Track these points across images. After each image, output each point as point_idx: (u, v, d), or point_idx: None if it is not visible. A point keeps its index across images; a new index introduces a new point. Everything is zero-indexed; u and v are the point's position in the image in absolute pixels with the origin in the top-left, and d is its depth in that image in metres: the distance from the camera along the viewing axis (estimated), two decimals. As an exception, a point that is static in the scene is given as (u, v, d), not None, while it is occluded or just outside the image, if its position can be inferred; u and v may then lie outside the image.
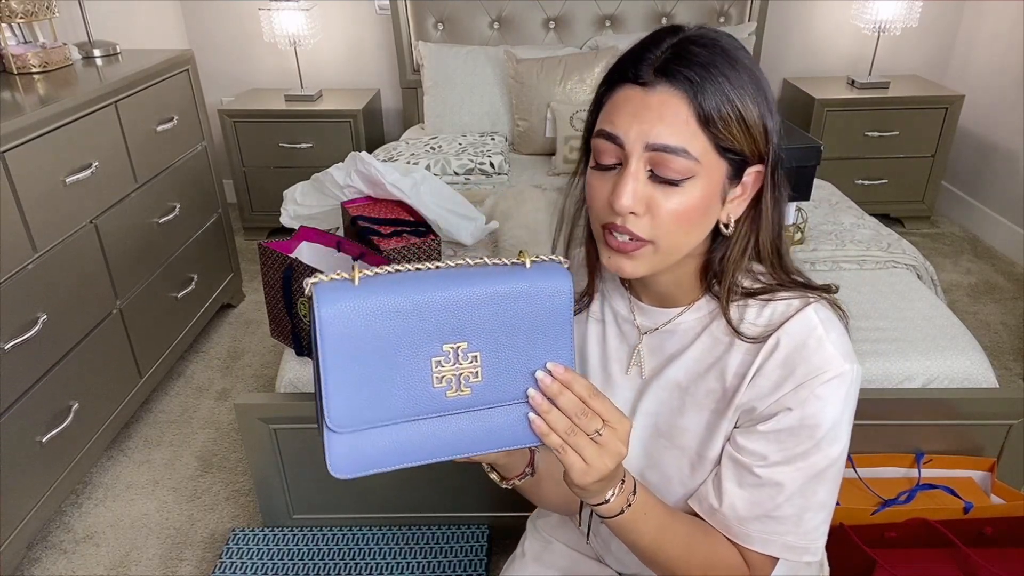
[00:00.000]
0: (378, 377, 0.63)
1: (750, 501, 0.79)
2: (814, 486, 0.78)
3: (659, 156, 0.71)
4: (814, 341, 0.75)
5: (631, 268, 0.76)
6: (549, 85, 2.85)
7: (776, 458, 0.77)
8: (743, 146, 0.73)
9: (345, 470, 0.65)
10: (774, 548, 0.79)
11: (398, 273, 0.65)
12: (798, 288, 0.80)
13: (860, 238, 2.08)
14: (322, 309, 0.61)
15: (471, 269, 0.66)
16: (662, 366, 0.86)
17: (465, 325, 0.64)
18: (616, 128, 0.72)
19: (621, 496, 0.73)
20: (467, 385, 0.66)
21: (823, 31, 3.33)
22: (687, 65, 0.70)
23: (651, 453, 0.88)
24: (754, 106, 0.72)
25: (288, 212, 2.07)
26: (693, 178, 0.72)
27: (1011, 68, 3.00)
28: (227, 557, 1.68)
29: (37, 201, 1.69)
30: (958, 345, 1.64)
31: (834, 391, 0.75)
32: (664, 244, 0.75)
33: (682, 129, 0.70)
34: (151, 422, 2.23)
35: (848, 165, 3.14)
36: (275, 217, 2.19)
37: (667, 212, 0.72)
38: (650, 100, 0.71)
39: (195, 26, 3.34)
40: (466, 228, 1.93)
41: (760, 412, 0.78)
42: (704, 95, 0.70)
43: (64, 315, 1.78)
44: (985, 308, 2.69)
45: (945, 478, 1.44)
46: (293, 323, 1.65)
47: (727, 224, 0.78)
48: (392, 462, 0.66)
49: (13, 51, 2.05)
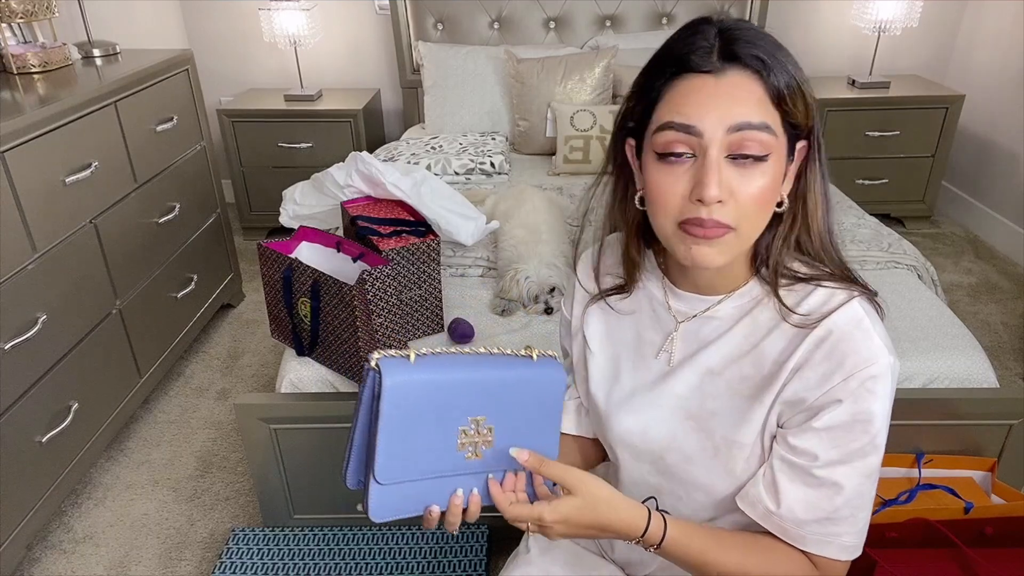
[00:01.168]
0: (418, 440, 0.75)
1: (809, 504, 0.79)
2: (868, 484, 0.78)
3: (741, 136, 0.71)
4: (861, 333, 0.75)
5: (716, 256, 0.75)
6: (549, 85, 2.85)
7: (832, 456, 0.77)
8: (802, 119, 0.74)
9: (381, 516, 0.76)
10: (832, 550, 0.79)
11: (442, 355, 0.77)
12: (844, 281, 0.80)
13: (861, 238, 2.08)
14: (386, 380, 0.71)
15: (494, 356, 0.79)
16: (695, 352, 0.86)
17: (487, 402, 0.77)
18: (690, 118, 0.71)
19: (651, 532, 0.78)
20: (481, 451, 0.78)
21: (823, 31, 3.33)
22: (751, 47, 0.72)
23: (676, 434, 0.88)
24: (805, 78, 0.74)
25: (287, 212, 2.07)
26: (771, 156, 0.73)
27: (1011, 68, 3.00)
28: (227, 557, 1.68)
29: (37, 201, 1.69)
30: (958, 345, 1.64)
31: (883, 385, 0.75)
32: (744, 229, 0.75)
33: (760, 107, 0.72)
34: (151, 422, 2.23)
35: (848, 165, 3.14)
36: (274, 217, 2.19)
37: (747, 196, 0.72)
38: (722, 85, 0.71)
39: (195, 26, 3.34)
40: (466, 228, 1.93)
41: (809, 404, 0.77)
42: (774, 73, 0.72)
43: (64, 315, 1.78)
44: (985, 308, 2.69)
45: (945, 478, 1.44)
46: (293, 323, 1.65)
47: (780, 203, 0.78)
48: (415, 510, 0.78)
49: (13, 51, 2.05)
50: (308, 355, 1.66)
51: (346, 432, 1.77)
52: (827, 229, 0.81)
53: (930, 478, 1.45)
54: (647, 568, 0.99)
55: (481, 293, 1.91)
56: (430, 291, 1.71)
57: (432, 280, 1.71)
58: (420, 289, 1.70)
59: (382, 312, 1.54)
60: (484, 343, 1.70)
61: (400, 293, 1.64)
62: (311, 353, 1.66)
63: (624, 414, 0.91)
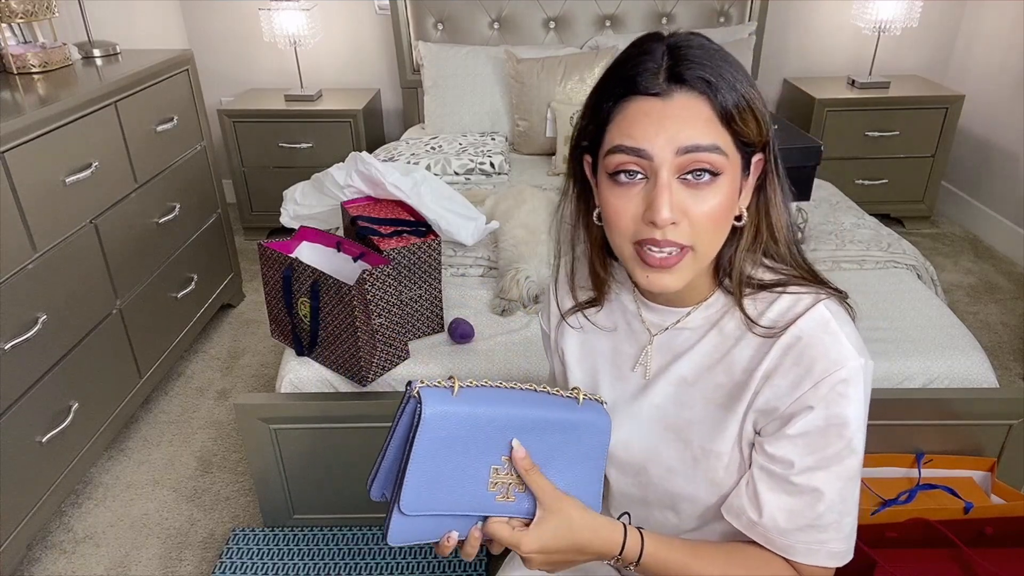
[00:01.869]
0: (448, 474, 0.73)
1: (791, 511, 0.78)
2: (851, 488, 0.78)
3: (691, 158, 0.71)
4: (829, 337, 0.75)
5: (674, 282, 0.76)
6: (549, 85, 2.85)
7: (809, 463, 0.77)
8: (754, 136, 0.74)
9: (398, 541, 0.75)
10: (820, 557, 0.79)
11: (486, 388, 0.75)
12: (811, 283, 0.80)
13: (860, 238, 2.08)
14: (427, 410, 0.70)
15: (538, 395, 0.78)
16: (669, 363, 0.87)
17: (526, 442, 0.75)
18: (639, 141, 0.71)
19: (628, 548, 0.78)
20: (513, 494, 0.76)
21: (823, 31, 3.33)
22: (698, 68, 0.71)
23: (655, 446, 0.88)
24: (756, 94, 0.73)
25: (288, 212, 2.07)
26: (723, 175, 0.72)
27: (1011, 68, 3.00)
28: (227, 557, 1.68)
29: (37, 201, 1.69)
30: (958, 345, 1.64)
31: (854, 388, 0.75)
32: (701, 248, 0.75)
33: (709, 129, 0.71)
34: (151, 422, 2.23)
35: (848, 165, 3.14)
36: (275, 217, 2.19)
37: (701, 215, 0.72)
38: (670, 108, 0.71)
39: (195, 26, 3.34)
40: (466, 228, 1.93)
41: (782, 412, 0.77)
42: (721, 93, 0.70)
43: (64, 315, 1.78)
44: (985, 308, 2.69)
45: (945, 478, 1.44)
46: (293, 323, 1.65)
47: (739, 216, 0.78)
48: (434, 536, 0.77)
49: (13, 51, 2.05)
50: (307, 355, 1.66)
51: (346, 432, 1.77)
52: (791, 238, 0.81)
53: (930, 478, 1.45)
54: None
55: (481, 293, 1.91)
56: (430, 291, 1.71)
57: (432, 280, 1.71)
58: (420, 289, 1.70)
59: (382, 312, 1.54)
60: (484, 343, 1.71)
61: (400, 293, 1.64)
62: (310, 353, 1.66)
63: None
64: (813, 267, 0.82)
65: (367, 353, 1.55)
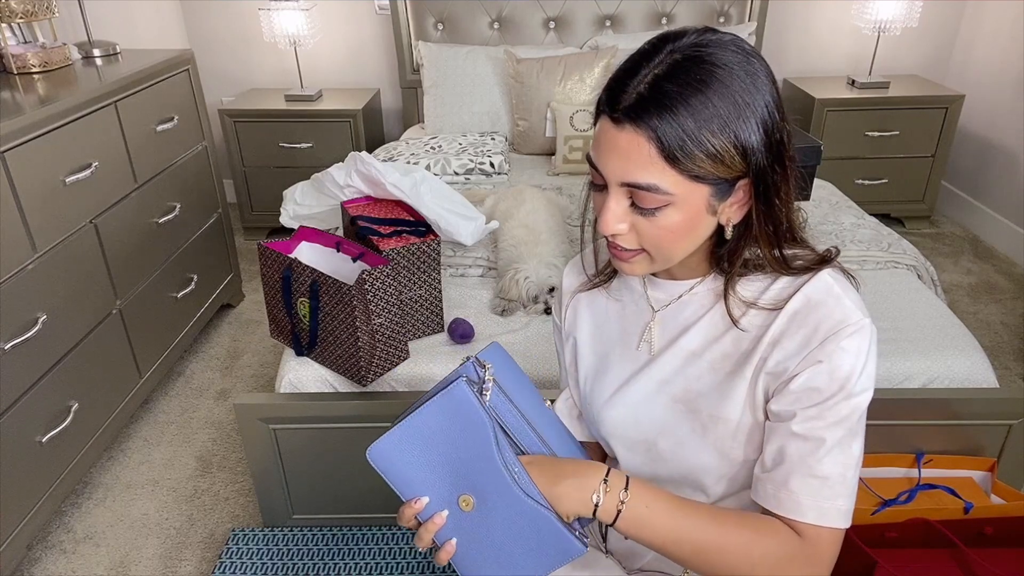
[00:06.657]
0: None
1: (792, 458, 0.79)
2: (849, 440, 0.79)
3: (633, 191, 0.75)
4: (832, 299, 0.78)
5: (630, 270, 0.83)
6: (549, 85, 2.85)
7: (811, 412, 0.78)
8: (716, 173, 0.73)
9: (376, 459, 0.79)
10: (831, 517, 0.78)
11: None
12: (814, 267, 0.82)
13: (860, 238, 2.08)
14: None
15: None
16: (676, 336, 0.88)
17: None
18: (598, 159, 0.77)
19: (609, 496, 0.78)
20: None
21: (823, 31, 3.33)
22: (654, 105, 0.70)
23: (665, 419, 0.89)
24: (723, 134, 0.71)
25: (288, 212, 2.07)
26: (670, 206, 0.75)
27: (1011, 68, 3.00)
28: (227, 557, 1.68)
29: (37, 201, 1.69)
30: (958, 345, 1.64)
31: (857, 343, 0.77)
32: (657, 254, 0.80)
33: (650, 168, 0.72)
34: (151, 422, 2.23)
35: (848, 165, 3.14)
36: (275, 217, 2.19)
37: (651, 233, 0.77)
38: (619, 139, 0.73)
39: (195, 26, 3.34)
40: (466, 228, 1.93)
41: (792, 371, 0.79)
42: (667, 136, 0.70)
43: (64, 315, 1.78)
44: (985, 308, 2.69)
45: (945, 478, 1.44)
46: (293, 323, 1.65)
47: (730, 224, 0.80)
48: (406, 487, 0.80)
49: (13, 51, 2.05)
50: (307, 355, 1.66)
51: (346, 432, 1.77)
52: (779, 253, 0.81)
53: (930, 478, 1.45)
54: (642, 560, 1.00)
55: (481, 293, 1.91)
56: (430, 291, 1.71)
57: (432, 280, 1.71)
58: (420, 289, 1.70)
59: (382, 312, 1.54)
60: (484, 343, 1.71)
61: (400, 293, 1.64)
62: (310, 353, 1.66)
63: (614, 406, 0.93)
64: (816, 249, 0.84)
65: (367, 353, 1.55)
